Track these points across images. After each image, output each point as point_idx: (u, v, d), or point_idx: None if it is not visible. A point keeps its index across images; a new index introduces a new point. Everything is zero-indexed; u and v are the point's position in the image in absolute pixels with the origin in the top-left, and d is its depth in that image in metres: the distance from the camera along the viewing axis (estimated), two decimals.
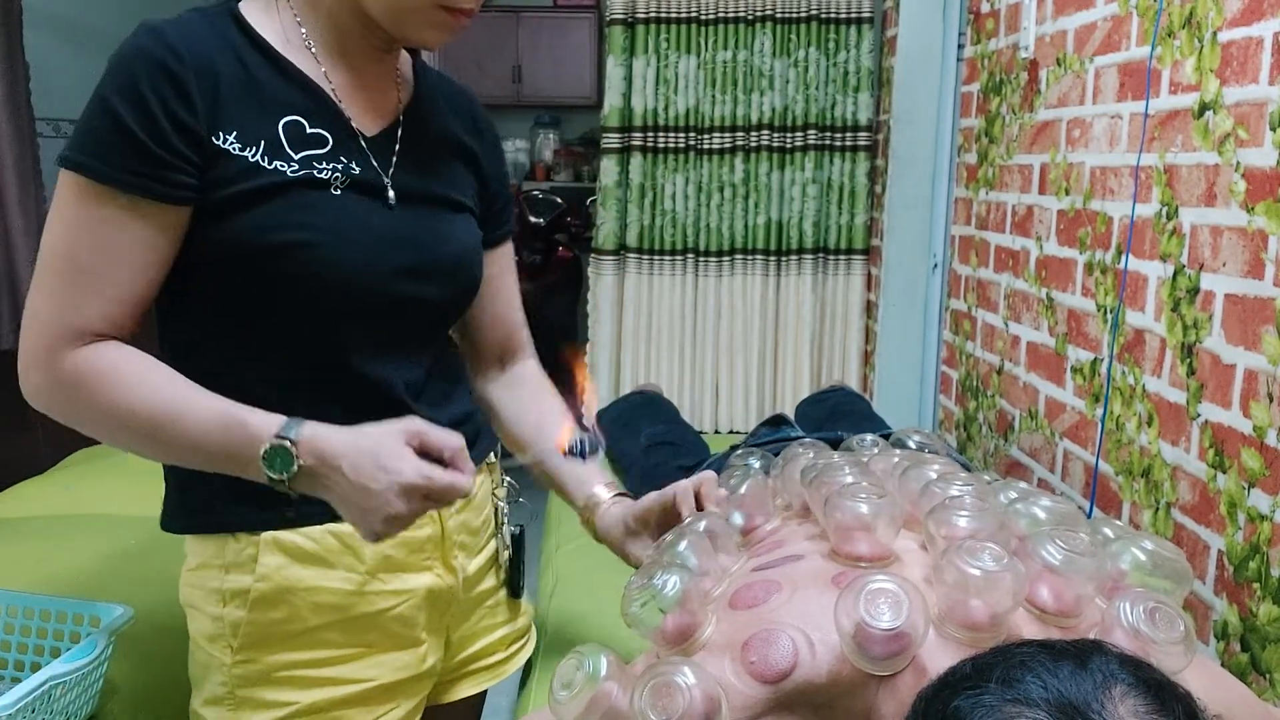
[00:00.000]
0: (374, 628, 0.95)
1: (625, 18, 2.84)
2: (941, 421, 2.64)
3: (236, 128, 0.85)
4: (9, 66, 2.83)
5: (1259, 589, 1.28)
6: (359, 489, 0.79)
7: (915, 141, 2.63)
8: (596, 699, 0.71)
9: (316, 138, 0.88)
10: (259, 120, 0.86)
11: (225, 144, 0.84)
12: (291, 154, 0.87)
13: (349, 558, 0.93)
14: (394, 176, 0.94)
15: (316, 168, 0.88)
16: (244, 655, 0.92)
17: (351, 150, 0.91)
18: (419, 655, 0.99)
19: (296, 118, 0.88)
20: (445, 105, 1.03)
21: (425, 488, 0.79)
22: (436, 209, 0.98)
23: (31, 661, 1.19)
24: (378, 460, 0.79)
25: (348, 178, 0.89)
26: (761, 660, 0.73)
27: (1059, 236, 1.90)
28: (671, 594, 0.79)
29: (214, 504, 0.92)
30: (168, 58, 0.82)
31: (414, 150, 0.97)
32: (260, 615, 0.91)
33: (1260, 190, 1.29)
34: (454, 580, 1.01)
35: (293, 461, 0.80)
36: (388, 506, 0.79)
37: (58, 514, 1.79)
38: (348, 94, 0.92)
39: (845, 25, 2.81)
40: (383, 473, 0.78)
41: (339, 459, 0.80)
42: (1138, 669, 0.59)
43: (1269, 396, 1.27)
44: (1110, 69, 1.70)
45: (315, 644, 0.93)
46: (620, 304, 2.97)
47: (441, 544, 0.99)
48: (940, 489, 0.90)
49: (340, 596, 0.93)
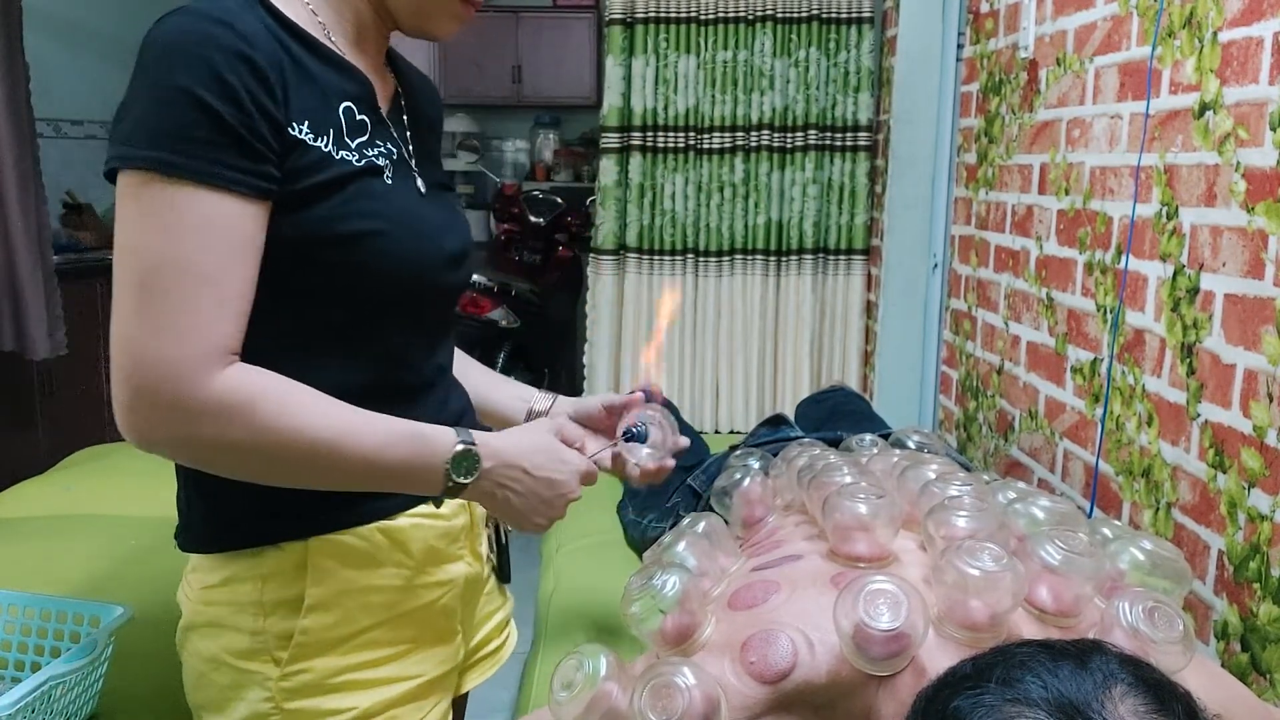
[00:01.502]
0: (418, 623, 0.95)
1: (625, 18, 2.84)
2: (941, 421, 2.64)
3: (308, 117, 0.81)
4: (9, 66, 2.83)
5: (1259, 589, 1.28)
6: (545, 482, 0.89)
7: (915, 141, 2.63)
8: (596, 699, 0.71)
9: (362, 124, 0.87)
10: (323, 108, 0.83)
11: (302, 134, 0.80)
12: (349, 142, 0.85)
13: (398, 554, 0.92)
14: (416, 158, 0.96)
15: (370, 155, 0.87)
16: (295, 666, 0.87)
17: (387, 136, 0.91)
18: (455, 647, 1.00)
19: (349, 104, 0.86)
20: (418, 90, 1.04)
21: (591, 472, 0.92)
22: (447, 193, 1.00)
23: (31, 661, 1.19)
24: (554, 455, 0.90)
25: (390, 163, 0.89)
26: (761, 660, 0.73)
27: (1059, 236, 1.90)
28: (671, 594, 0.79)
29: (245, 520, 0.87)
30: (241, 44, 0.76)
31: (414, 131, 0.97)
32: (314, 622, 0.87)
33: (1260, 190, 1.29)
34: (480, 568, 1.03)
35: (477, 465, 0.85)
36: (572, 493, 0.90)
37: (58, 514, 1.79)
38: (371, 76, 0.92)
39: (845, 25, 2.81)
40: (563, 464, 0.90)
41: (521, 459, 0.88)
42: (1137, 668, 0.59)
43: (1269, 396, 1.27)
44: (1110, 69, 1.70)
45: (365, 646, 0.91)
46: (620, 304, 2.97)
47: (470, 532, 1.01)
48: (939, 489, 0.90)
49: (389, 594, 0.92)
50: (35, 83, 2.96)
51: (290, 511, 0.86)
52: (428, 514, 0.94)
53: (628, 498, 1.93)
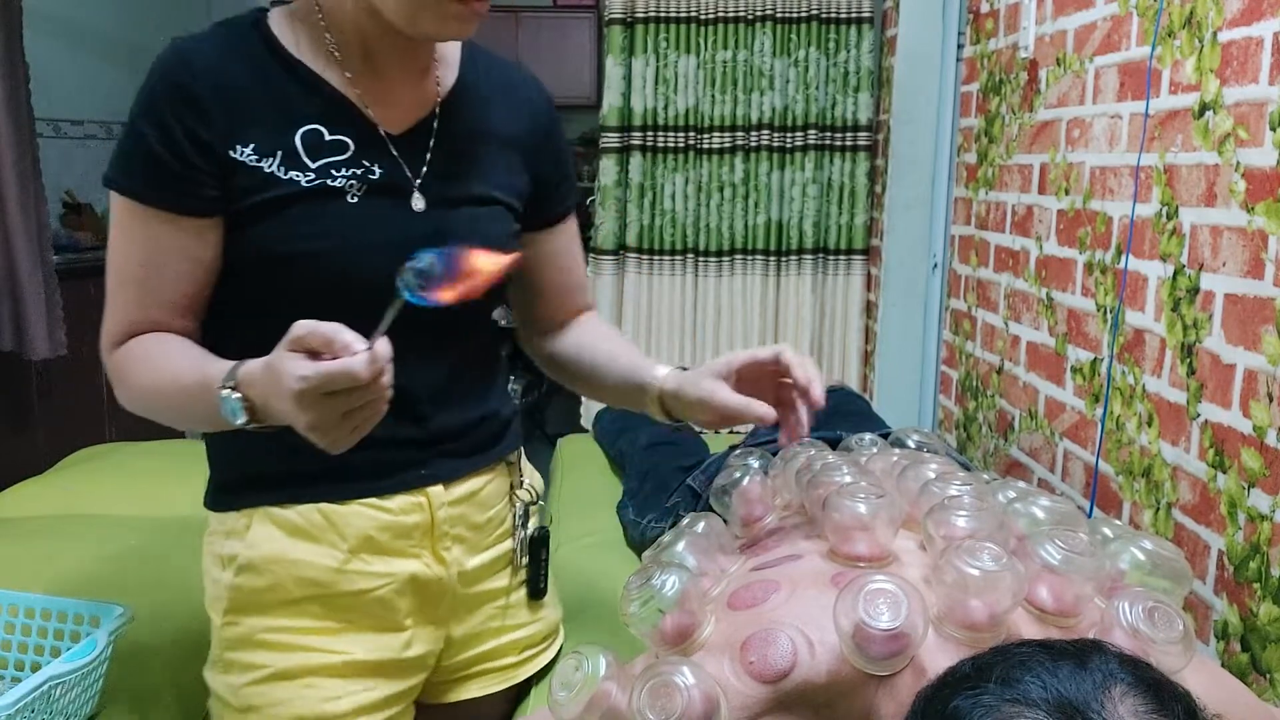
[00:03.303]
0: (353, 607, 0.98)
1: (624, 17, 2.84)
2: (941, 421, 2.64)
3: (255, 140, 0.89)
4: (9, 67, 2.83)
5: (1259, 589, 1.28)
6: (280, 411, 0.77)
7: (915, 141, 2.63)
8: (595, 699, 0.71)
9: (336, 144, 0.91)
10: (277, 131, 0.89)
11: (243, 156, 0.88)
12: (308, 163, 0.90)
13: (333, 535, 0.97)
14: (426, 176, 0.95)
15: (333, 176, 0.90)
16: (230, 618, 0.97)
17: (375, 154, 0.92)
18: (401, 640, 1.00)
19: (315, 126, 0.90)
20: (491, 92, 1.03)
21: (312, 388, 0.72)
22: (465, 207, 0.98)
23: (31, 661, 1.19)
24: (272, 378, 0.76)
25: (366, 184, 0.91)
26: (761, 660, 0.73)
27: (1059, 236, 1.90)
28: (670, 594, 0.79)
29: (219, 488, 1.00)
30: (184, 77, 0.87)
31: (449, 144, 0.97)
32: (246, 581, 0.96)
33: (1260, 190, 1.29)
34: (444, 572, 1.01)
35: (240, 407, 0.80)
36: (301, 417, 0.74)
37: (58, 514, 1.79)
38: (375, 96, 0.93)
39: (845, 25, 2.81)
40: (278, 388, 0.75)
41: (260, 391, 0.79)
42: (1137, 668, 0.59)
43: (1269, 396, 1.27)
44: (1110, 69, 1.70)
45: (295, 613, 0.97)
46: (620, 304, 2.97)
47: (431, 533, 1.01)
48: (939, 489, 0.90)
49: (322, 572, 0.96)
50: (35, 83, 2.96)
51: (243, 484, 0.97)
52: (372, 504, 0.97)
53: (627, 497, 1.93)
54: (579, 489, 2.10)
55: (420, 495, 1.00)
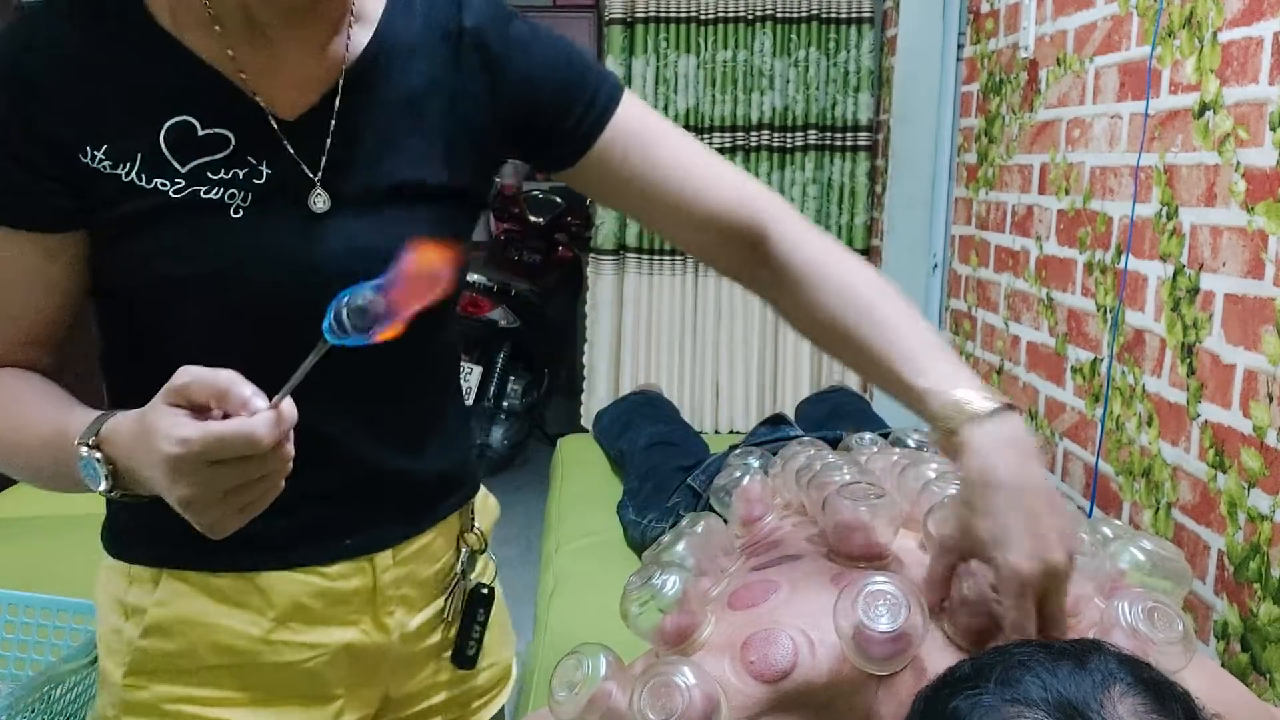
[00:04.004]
0: (277, 678, 0.83)
1: (624, 17, 2.84)
2: None
3: (107, 141, 0.69)
4: None
5: (1259, 589, 1.28)
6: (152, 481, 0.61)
7: (915, 141, 2.63)
8: (596, 699, 0.71)
9: (213, 140, 0.71)
10: (136, 128, 0.70)
11: (96, 163, 0.69)
12: (178, 166, 0.70)
13: (257, 600, 0.80)
14: (327, 169, 0.74)
15: (208, 181, 0.71)
16: (132, 680, 0.81)
17: (263, 149, 0.72)
18: (330, 711, 0.85)
19: (185, 118, 0.70)
20: (425, 35, 0.79)
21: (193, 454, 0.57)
22: (388, 206, 0.76)
23: (31, 661, 1.19)
24: (145, 439, 0.60)
25: (249, 190, 0.72)
26: (761, 660, 0.73)
27: (1059, 236, 1.90)
28: (670, 594, 0.79)
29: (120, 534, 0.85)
30: (23, 59, 0.68)
31: (359, 124, 0.75)
32: (153, 644, 0.80)
33: (1260, 190, 1.29)
34: (384, 638, 0.85)
35: (102, 472, 0.64)
36: (172, 491, 0.59)
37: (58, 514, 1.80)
38: (263, 72, 0.73)
39: (845, 25, 2.81)
40: (151, 453, 0.59)
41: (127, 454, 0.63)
42: (1137, 669, 0.59)
43: (1269, 396, 1.27)
44: (1110, 69, 1.70)
45: (209, 682, 0.81)
46: (620, 304, 2.97)
47: (373, 598, 0.84)
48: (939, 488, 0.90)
49: (243, 640, 0.80)
50: None
51: (142, 538, 0.82)
52: (306, 569, 0.81)
53: (628, 498, 1.93)
54: (579, 489, 2.10)
55: (364, 559, 0.83)
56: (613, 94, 0.85)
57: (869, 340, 0.80)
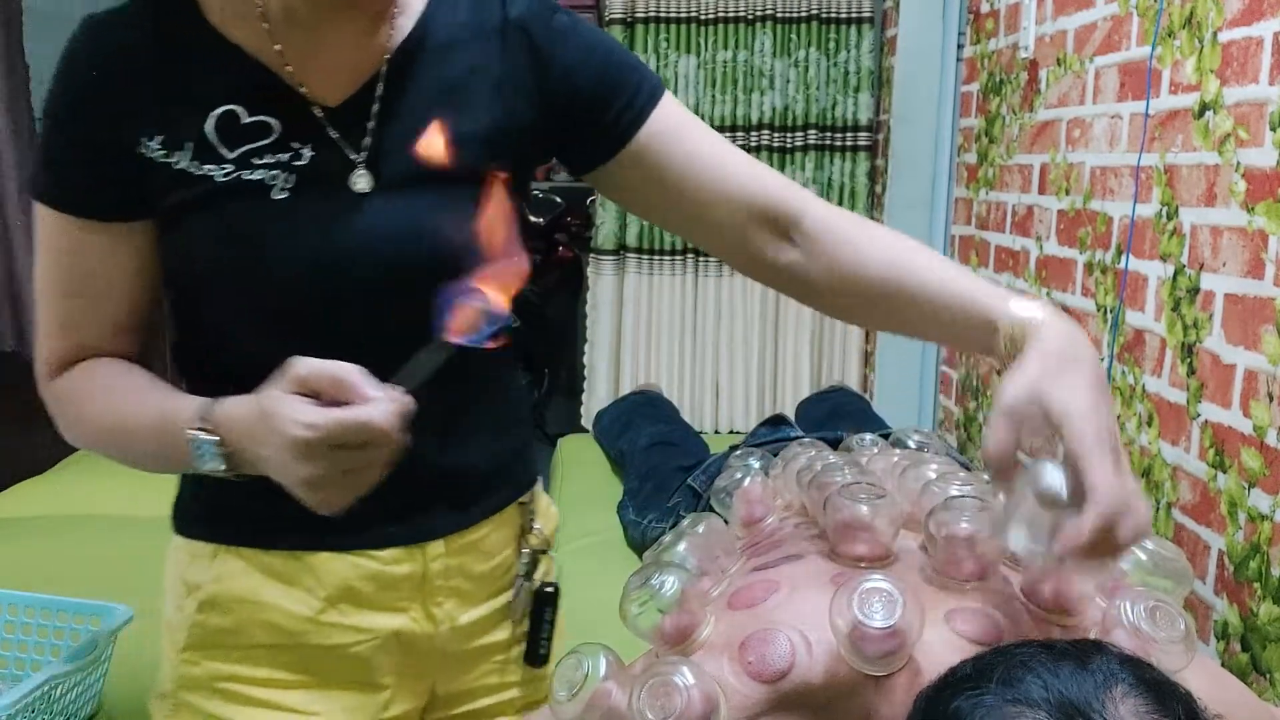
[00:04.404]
0: (326, 661, 0.85)
1: (625, 17, 2.84)
2: (941, 421, 2.64)
3: (162, 131, 0.74)
4: (9, 67, 2.83)
5: (1259, 589, 1.28)
6: (269, 462, 0.66)
7: (915, 141, 2.63)
8: (595, 699, 0.71)
9: (258, 127, 0.75)
10: (187, 119, 0.75)
11: (151, 152, 0.74)
12: (225, 153, 0.75)
13: (308, 579, 0.83)
14: (371, 151, 0.77)
15: (252, 166, 0.75)
16: (189, 655, 0.85)
17: (308, 133, 0.76)
18: (379, 701, 0.87)
19: (231, 107, 0.75)
20: (468, 26, 0.81)
21: (320, 439, 0.62)
22: (430, 188, 0.78)
23: (31, 661, 1.19)
24: (266, 424, 0.65)
25: (292, 173, 0.75)
26: (759, 660, 0.73)
27: (1059, 236, 1.90)
28: (670, 594, 0.78)
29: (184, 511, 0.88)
30: (88, 60, 0.75)
31: (402, 110, 0.78)
32: (208, 618, 0.84)
33: (1260, 190, 1.29)
34: (433, 628, 0.87)
35: (212, 451, 0.69)
36: (295, 472, 0.64)
37: (58, 514, 1.80)
38: (307, 61, 0.76)
39: (845, 25, 2.81)
40: (274, 436, 0.64)
41: (245, 436, 0.68)
42: (1138, 669, 0.59)
43: (1269, 396, 1.27)
44: (1110, 69, 1.70)
45: (260, 662, 0.84)
46: (620, 304, 2.97)
47: (423, 586, 0.86)
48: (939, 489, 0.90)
49: (292, 620, 0.83)
50: (35, 82, 2.96)
51: (210, 516, 0.85)
52: (358, 552, 0.84)
53: (628, 498, 1.93)
54: (579, 489, 2.11)
55: (415, 546, 0.86)
56: (653, 92, 0.86)
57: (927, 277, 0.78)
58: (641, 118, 0.84)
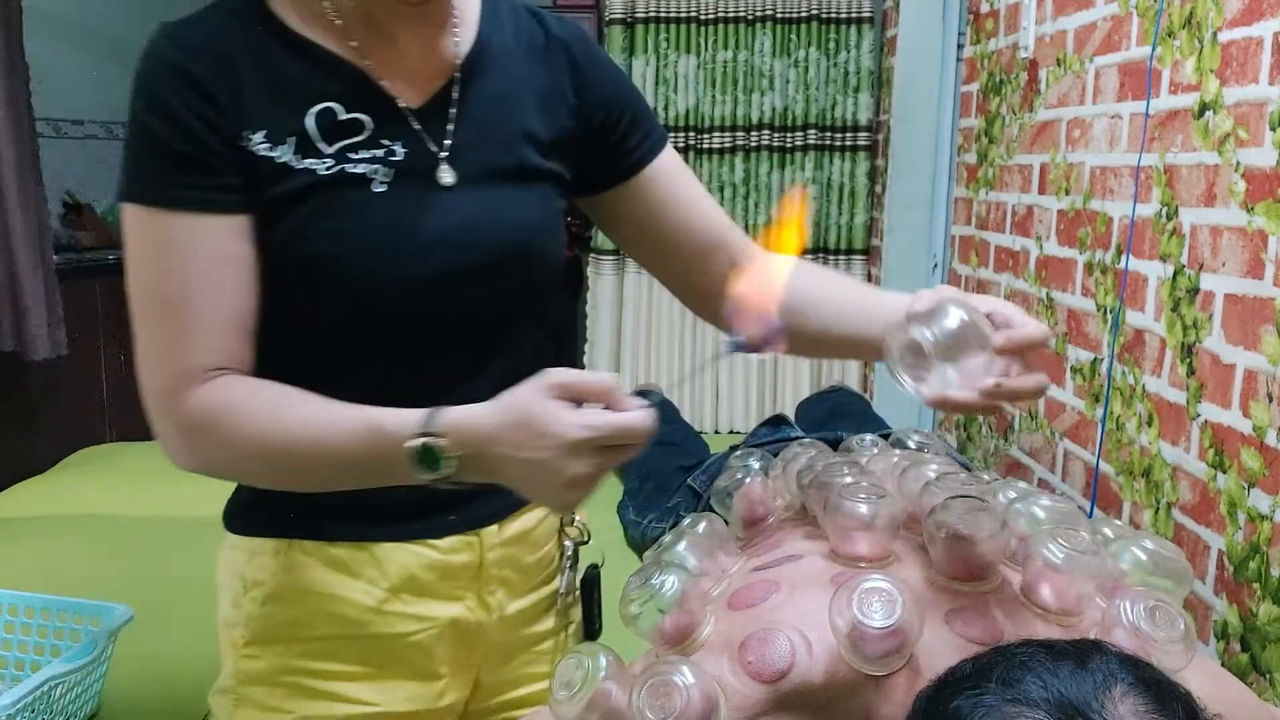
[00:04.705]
0: (389, 651, 0.89)
1: (625, 17, 2.84)
2: (941, 421, 2.64)
3: (264, 126, 0.78)
4: (9, 67, 2.83)
5: (1259, 589, 1.28)
6: (528, 464, 0.69)
7: (915, 141, 2.63)
8: (595, 699, 0.71)
9: (353, 124, 0.80)
10: (286, 114, 0.79)
11: (254, 145, 0.78)
12: (324, 148, 0.79)
13: (373, 570, 0.87)
14: (451, 150, 0.83)
15: (352, 160, 0.79)
16: (251, 650, 0.88)
17: (397, 131, 0.82)
18: (435, 690, 0.91)
19: (329, 105, 0.79)
20: (517, 44, 0.89)
21: (594, 439, 0.68)
22: (500, 184, 0.86)
23: (31, 661, 1.19)
24: (532, 429, 0.68)
25: (391, 167, 0.81)
26: (759, 660, 0.73)
27: (1059, 236, 1.90)
28: (670, 594, 0.79)
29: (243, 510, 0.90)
30: (181, 58, 0.77)
31: (474, 113, 0.85)
32: (272, 611, 0.87)
33: (1260, 190, 1.29)
34: (486, 616, 0.92)
35: (440, 459, 0.71)
36: (564, 472, 0.68)
37: (58, 514, 1.79)
38: (387, 66, 0.82)
39: (845, 25, 2.81)
40: (543, 439, 0.68)
41: (494, 442, 0.70)
42: (1138, 668, 0.59)
43: (1269, 396, 1.27)
44: (1110, 69, 1.70)
45: (323, 654, 0.88)
46: (620, 304, 2.97)
47: (478, 575, 0.91)
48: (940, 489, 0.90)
49: (357, 610, 0.87)
50: (35, 83, 2.96)
51: (273, 510, 0.87)
52: (419, 541, 0.88)
53: (628, 498, 1.93)
54: None
55: (472, 535, 0.90)
56: (664, 134, 0.99)
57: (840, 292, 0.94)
58: (656, 150, 0.95)
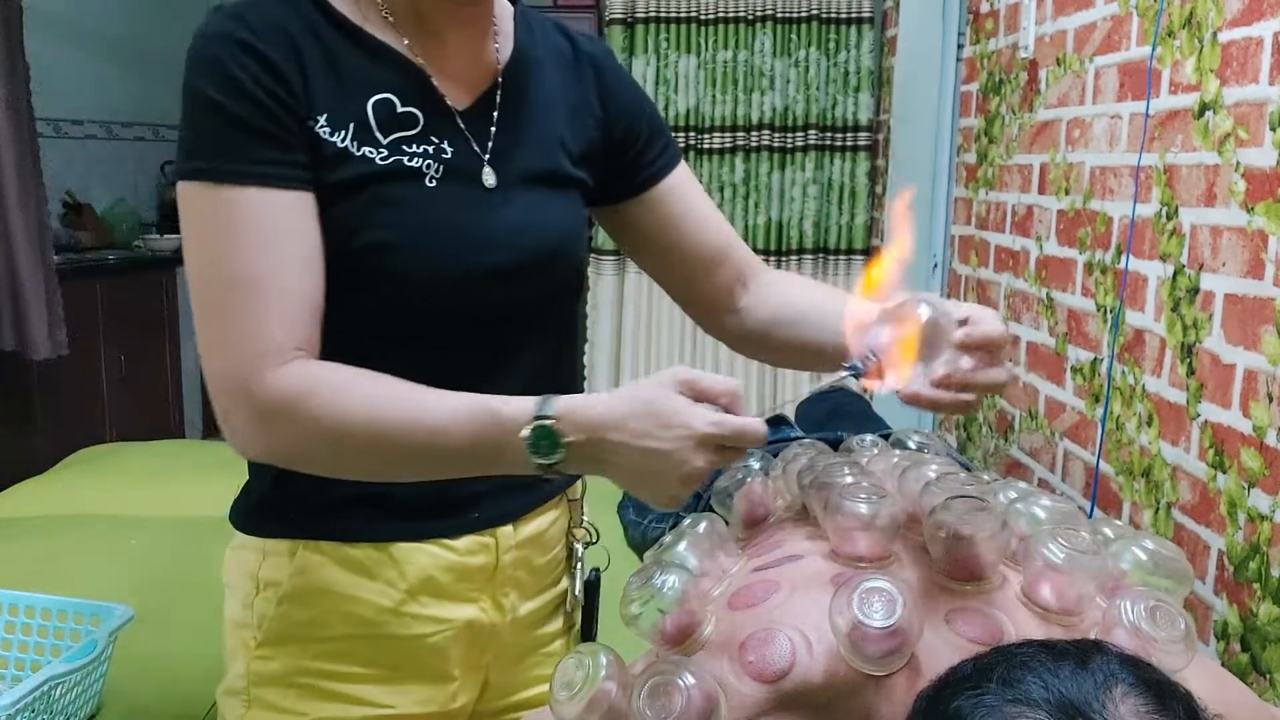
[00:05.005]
0: (401, 652, 0.88)
1: (625, 17, 2.84)
2: (941, 422, 2.64)
3: (326, 109, 0.78)
4: (9, 67, 2.84)
5: (1259, 589, 1.28)
6: (648, 453, 0.70)
7: (915, 141, 2.63)
8: (595, 699, 0.71)
9: (408, 118, 0.81)
10: (347, 102, 0.79)
11: (318, 127, 0.77)
12: (380, 138, 0.79)
13: (391, 571, 0.86)
14: (493, 154, 0.85)
15: (406, 153, 0.80)
16: (264, 651, 0.87)
17: (445, 130, 0.83)
18: (448, 692, 0.91)
19: (387, 95, 0.80)
20: (547, 56, 0.92)
21: (719, 436, 0.70)
22: (537, 189, 0.88)
23: (31, 661, 1.19)
24: (659, 419, 0.70)
25: (440, 163, 0.81)
26: (759, 660, 0.73)
27: (1059, 236, 1.90)
28: (670, 594, 0.79)
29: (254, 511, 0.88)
30: (250, 35, 0.75)
31: (513, 119, 0.87)
32: (287, 611, 0.86)
33: (1260, 190, 1.29)
34: (500, 619, 0.92)
35: (558, 442, 0.72)
36: (684, 465, 0.70)
37: (58, 514, 1.79)
38: (437, 66, 0.83)
39: (845, 25, 2.82)
40: (669, 429, 0.70)
41: (615, 429, 0.71)
42: (1138, 669, 0.59)
43: (1269, 396, 1.27)
44: (1110, 69, 1.70)
45: (338, 656, 0.87)
46: (620, 304, 2.97)
47: (494, 577, 0.91)
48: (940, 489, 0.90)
49: (374, 611, 0.86)
50: (35, 83, 2.96)
51: (289, 510, 0.86)
52: (437, 541, 0.88)
53: (628, 498, 1.93)
54: None
55: (489, 536, 0.90)
56: (679, 151, 1.02)
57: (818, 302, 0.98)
58: (670, 165, 0.99)
